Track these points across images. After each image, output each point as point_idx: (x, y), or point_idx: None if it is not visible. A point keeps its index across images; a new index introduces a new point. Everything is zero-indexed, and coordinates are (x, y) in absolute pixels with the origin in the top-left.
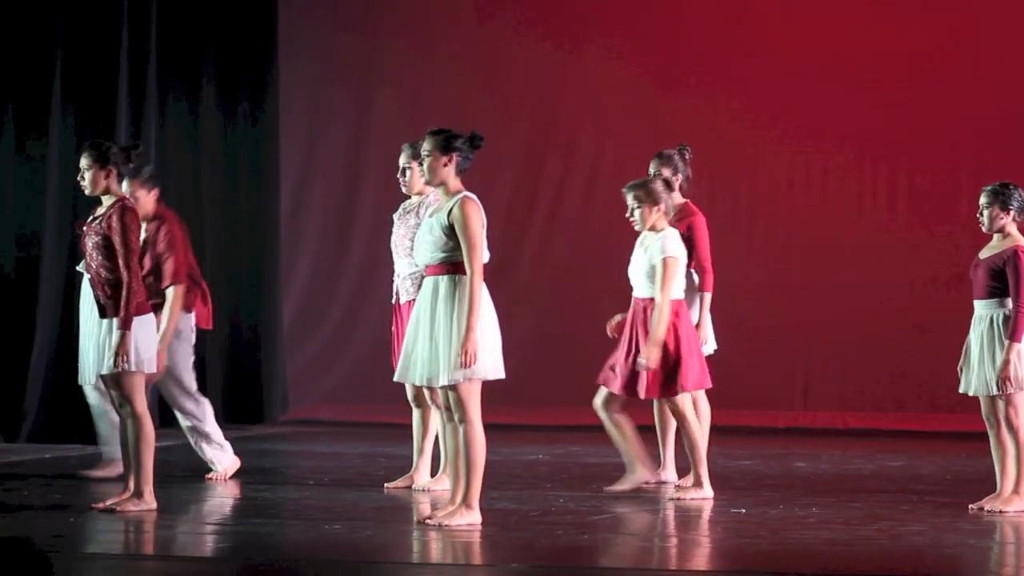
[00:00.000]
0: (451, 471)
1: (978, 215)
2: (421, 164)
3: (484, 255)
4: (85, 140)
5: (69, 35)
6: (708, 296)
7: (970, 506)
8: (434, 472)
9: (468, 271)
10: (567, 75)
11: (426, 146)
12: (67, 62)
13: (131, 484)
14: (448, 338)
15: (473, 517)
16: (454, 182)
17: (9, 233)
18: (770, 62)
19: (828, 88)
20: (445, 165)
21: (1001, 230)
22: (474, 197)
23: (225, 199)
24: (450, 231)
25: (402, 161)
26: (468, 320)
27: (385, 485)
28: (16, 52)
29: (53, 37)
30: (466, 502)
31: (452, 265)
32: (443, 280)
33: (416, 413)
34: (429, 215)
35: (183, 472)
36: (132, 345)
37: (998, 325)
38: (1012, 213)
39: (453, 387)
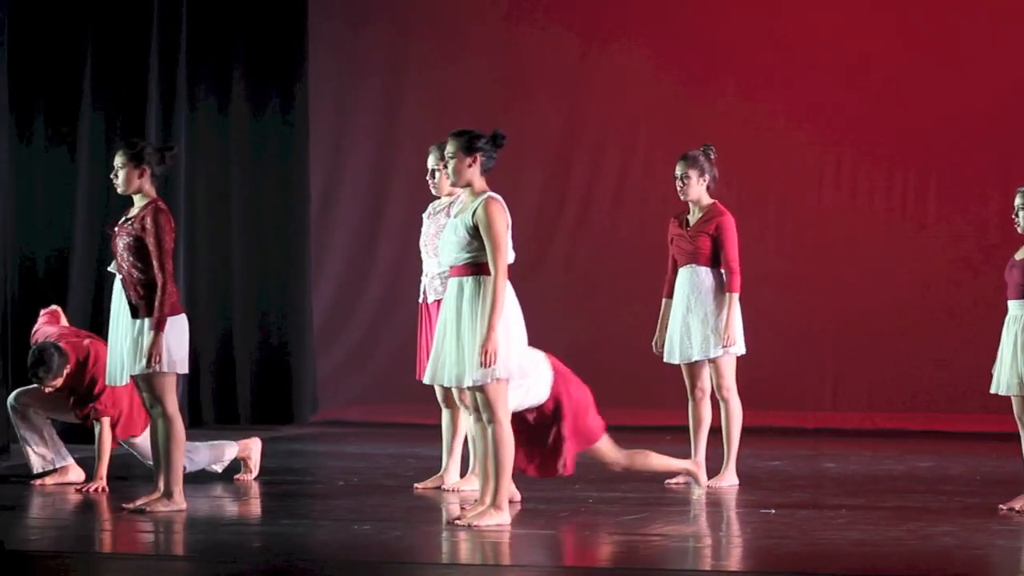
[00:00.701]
0: (480, 471)
1: (1013, 216)
2: (446, 166)
3: (509, 256)
4: (115, 139)
5: (99, 32)
6: (735, 297)
7: (1000, 506)
8: (463, 473)
9: (492, 271)
10: (595, 74)
11: (449, 148)
12: (97, 60)
13: (160, 484)
14: (474, 339)
15: (502, 518)
16: (479, 182)
17: (39, 234)
18: (798, 61)
19: (855, 86)
20: (470, 166)
21: None
22: (499, 198)
23: (255, 199)
24: (475, 232)
25: (430, 163)
26: (489, 320)
27: (415, 485)
28: (46, 50)
29: (83, 34)
30: (495, 503)
31: (476, 266)
32: (468, 281)
33: (445, 413)
34: (455, 215)
35: (210, 472)
36: (165, 346)
37: None
38: None
39: (481, 388)
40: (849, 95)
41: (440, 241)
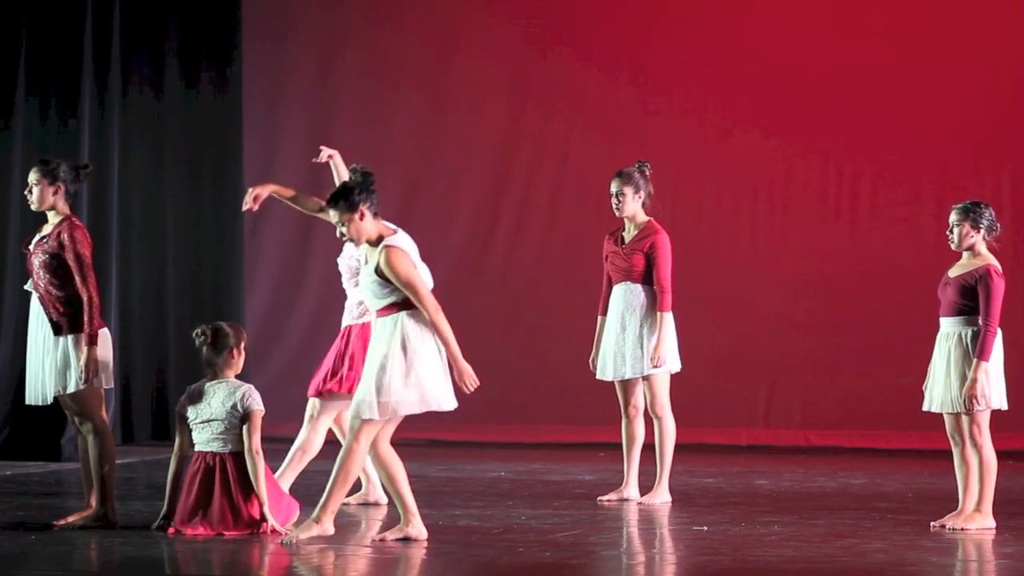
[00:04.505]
0: (391, 491)
1: (948, 233)
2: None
3: (428, 282)
4: (49, 121)
5: (33, 19)
6: (668, 316)
7: (932, 524)
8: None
9: (423, 311)
10: (530, 87)
11: (335, 217)
12: (31, 46)
13: (93, 501)
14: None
15: (411, 530)
16: (375, 229)
17: None
18: (734, 78)
19: (795, 108)
20: (361, 219)
21: (971, 248)
22: (396, 243)
23: (189, 209)
24: (386, 280)
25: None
26: (451, 355)
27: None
28: None
29: (17, 22)
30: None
31: (401, 304)
32: (399, 317)
33: None
34: (365, 263)
35: (144, 488)
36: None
37: (967, 343)
38: (982, 232)
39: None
40: (784, 112)
41: (361, 285)
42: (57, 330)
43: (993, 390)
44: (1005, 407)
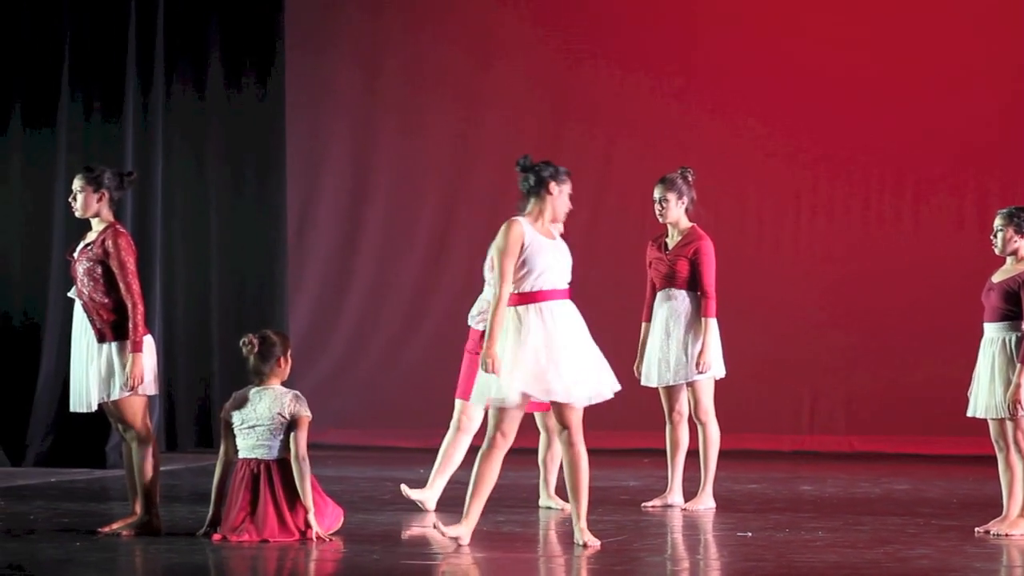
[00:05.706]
0: (472, 487)
1: (992, 237)
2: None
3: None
4: (93, 124)
5: (76, 21)
6: (712, 321)
7: (976, 529)
8: None
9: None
10: (572, 94)
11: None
12: (75, 48)
13: (137, 508)
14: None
15: (457, 530)
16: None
17: (17, 256)
18: (777, 84)
19: (835, 112)
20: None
21: (1014, 253)
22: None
23: (232, 217)
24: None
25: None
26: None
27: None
28: (24, 40)
29: (60, 24)
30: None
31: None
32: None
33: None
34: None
35: (189, 495)
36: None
37: (1011, 348)
38: None
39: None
40: (827, 117)
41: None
42: (101, 337)
43: None
44: None
